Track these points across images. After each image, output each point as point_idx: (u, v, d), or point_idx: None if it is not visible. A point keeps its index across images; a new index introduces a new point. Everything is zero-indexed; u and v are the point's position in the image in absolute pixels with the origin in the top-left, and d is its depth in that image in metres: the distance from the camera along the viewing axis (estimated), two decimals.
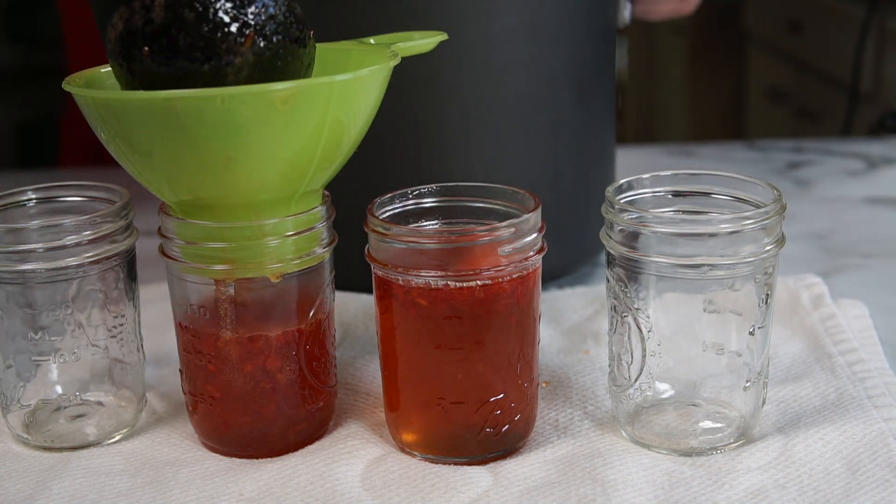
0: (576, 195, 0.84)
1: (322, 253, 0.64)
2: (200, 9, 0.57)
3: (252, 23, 0.57)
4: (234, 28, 0.57)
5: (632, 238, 0.62)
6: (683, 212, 0.64)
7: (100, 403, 0.69)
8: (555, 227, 0.67)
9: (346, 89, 0.59)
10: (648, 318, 0.63)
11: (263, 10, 0.58)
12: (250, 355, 0.63)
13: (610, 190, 0.64)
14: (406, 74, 0.69)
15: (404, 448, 0.65)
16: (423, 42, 0.67)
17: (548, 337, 0.77)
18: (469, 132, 0.79)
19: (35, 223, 0.65)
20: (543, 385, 0.71)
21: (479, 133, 0.79)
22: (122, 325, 0.68)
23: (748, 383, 0.64)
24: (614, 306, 0.64)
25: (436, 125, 0.79)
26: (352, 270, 0.71)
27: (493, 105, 0.79)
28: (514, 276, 0.61)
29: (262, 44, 0.58)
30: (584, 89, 0.83)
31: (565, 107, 0.82)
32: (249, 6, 0.58)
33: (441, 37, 0.68)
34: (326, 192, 0.65)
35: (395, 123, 0.78)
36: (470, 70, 0.78)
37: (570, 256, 0.86)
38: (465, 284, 0.60)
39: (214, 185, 0.59)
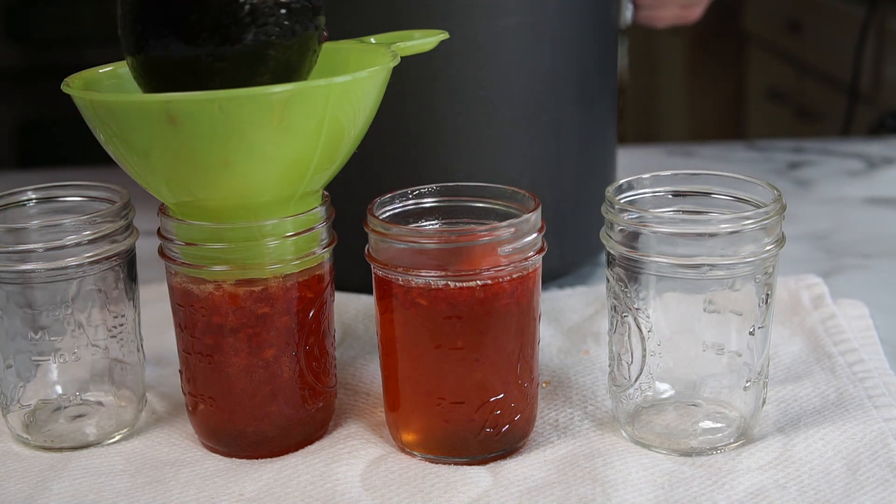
0: (577, 195, 0.84)
1: (322, 253, 0.64)
2: None
3: (259, 4, 0.57)
4: (245, 7, 0.57)
5: (632, 238, 0.62)
6: (683, 212, 0.64)
7: (100, 403, 0.69)
8: (555, 227, 0.67)
9: (345, 91, 0.59)
10: (648, 318, 0.63)
11: None
12: (250, 356, 0.63)
13: (610, 190, 0.64)
14: (407, 74, 0.69)
15: (404, 448, 0.65)
16: (423, 41, 0.67)
17: (548, 337, 0.77)
18: (470, 132, 0.79)
19: (35, 223, 0.65)
20: (543, 385, 0.71)
21: (481, 133, 0.79)
22: (122, 325, 0.68)
23: (748, 383, 0.64)
24: (614, 306, 0.64)
25: (437, 125, 0.79)
26: (352, 271, 0.71)
27: (494, 105, 0.79)
28: (514, 275, 0.61)
29: (276, 26, 0.57)
30: (585, 89, 0.83)
31: (567, 107, 0.82)
32: None
33: (442, 36, 0.68)
34: (326, 193, 0.65)
35: (396, 123, 0.78)
36: (472, 70, 0.78)
37: (570, 256, 0.86)
38: (465, 284, 0.60)
39: (212, 187, 0.59)
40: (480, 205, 0.66)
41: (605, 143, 0.88)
